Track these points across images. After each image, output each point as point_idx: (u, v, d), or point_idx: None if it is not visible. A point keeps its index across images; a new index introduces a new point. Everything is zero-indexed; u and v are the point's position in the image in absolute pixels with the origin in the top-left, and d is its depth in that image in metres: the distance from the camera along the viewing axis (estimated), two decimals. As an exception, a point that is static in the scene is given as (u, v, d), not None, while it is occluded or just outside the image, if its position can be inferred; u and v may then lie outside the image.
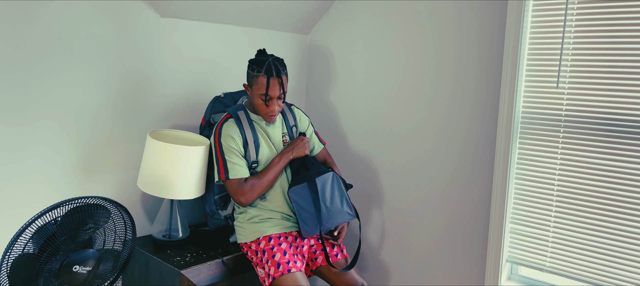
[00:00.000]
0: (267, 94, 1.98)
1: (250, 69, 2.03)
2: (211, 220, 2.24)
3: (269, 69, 1.98)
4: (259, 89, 1.99)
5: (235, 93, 2.30)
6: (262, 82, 1.98)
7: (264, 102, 2.01)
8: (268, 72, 1.98)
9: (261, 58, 2.03)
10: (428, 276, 2.48)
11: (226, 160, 2.01)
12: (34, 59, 1.87)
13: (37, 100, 1.90)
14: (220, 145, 2.02)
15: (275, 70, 1.99)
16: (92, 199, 1.65)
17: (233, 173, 2.01)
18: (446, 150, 2.39)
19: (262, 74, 1.98)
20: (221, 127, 2.04)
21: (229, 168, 2.01)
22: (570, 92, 2.05)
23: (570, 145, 2.07)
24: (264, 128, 2.12)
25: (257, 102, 2.02)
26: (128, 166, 2.20)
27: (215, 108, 2.24)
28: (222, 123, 2.05)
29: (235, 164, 2.02)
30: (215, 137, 2.04)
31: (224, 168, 2.01)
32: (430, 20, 2.40)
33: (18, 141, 1.87)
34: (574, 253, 2.09)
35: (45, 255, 1.55)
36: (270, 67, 1.98)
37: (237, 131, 2.04)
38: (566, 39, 2.04)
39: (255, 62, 2.02)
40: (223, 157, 2.02)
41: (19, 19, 1.81)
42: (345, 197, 2.10)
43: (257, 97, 2.01)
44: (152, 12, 2.18)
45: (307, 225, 2.03)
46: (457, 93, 2.34)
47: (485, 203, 2.28)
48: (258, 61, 2.02)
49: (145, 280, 2.08)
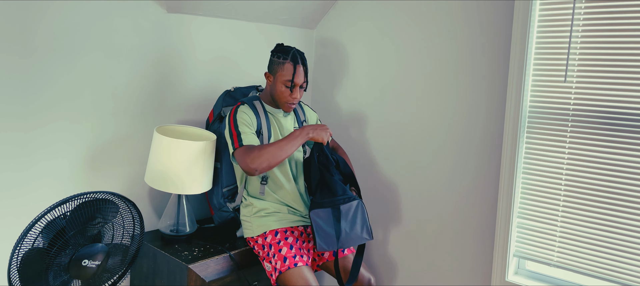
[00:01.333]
0: (292, 80, 2.02)
1: (275, 56, 2.07)
2: (218, 213, 2.24)
3: (295, 57, 2.04)
4: (285, 75, 2.03)
5: (245, 88, 2.31)
6: (289, 68, 2.03)
7: (289, 88, 2.04)
8: (294, 59, 2.03)
9: (285, 47, 2.08)
10: (435, 270, 2.48)
11: (240, 132, 2.00)
12: (42, 56, 1.88)
13: (45, 97, 1.91)
14: (235, 120, 2.02)
15: (300, 58, 2.05)
16: (101, 194, 1.66)
17: (246, 140, 1.98)
18: (453, 144, 2.39)
19: (288, 61, 2.03)
20: (237, 108, 2.06)
21: (242, 137, 1.99)
22: (578, 86, 2.04)
23: (578, 140, 2.06)
24: (277, 120, 2.14)
25: (280, 90, 2.05)
26: (136, 161, 2.21)
27: (226, 101, 2.25)
28: (237, 106, 2.07)
29: (248, 134, 2.01)
30: (230, 116, 2.05)
31: (237, 138, 1.99)
32: (437, 14, 2.39)
33: (27, 137, 1.89)
34: (582, 248, 2.08)
35: (54, 249, 1.56)
36: (296, 55, 2.05)
37: (253, 114, 2.07)
38: (574, 33, 2.02)
39: (280, 51, 2.07)
40: (237, 129, 2.01)
41: (29, 17, 1.82)
42: (366, 223, 2.06)
43: (280, 84, 2.04)
44: (158, 8, 2.18)
45: (324, 243, 1.99)
46: (464, 88, 2.33)
47: (493, 197, 2.27)
48: (283, 49, 2.07)
49: (153, 274, 2.09)
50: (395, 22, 2.54)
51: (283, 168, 2.15)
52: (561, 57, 2.06)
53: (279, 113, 2.15)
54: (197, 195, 2.42)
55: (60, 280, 1.61)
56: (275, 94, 2.08)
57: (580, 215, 2.08)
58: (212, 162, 2.13)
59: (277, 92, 2.07)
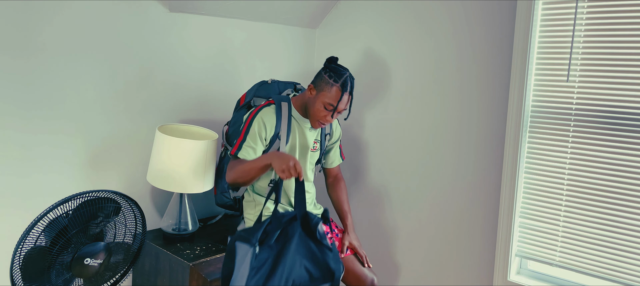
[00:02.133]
0: (336, 106, 1.94)
1: (326, 74, 1.97)
2: (220, 195, 2.23)
3: (346, 84, 1.95)
4: (329, 98, 1.94)
5: (283, 84, 2.22)
6: (336, 93, 1.94)
7: (328, 111, 1.96)
8: (344, 86, 1.94)
9: (340, 69, 1.98)
10: (437, 270, 2.48)
11: (246, 140, 1.96)
12: (45, 56, 1.88)
13: (48, 96, 1.91)
14: (250, 125, 1.97)
15: (350, 86, 1.96)
16: (103, 193, 1.66)
17: (242, 153, 1.96)
18: (455, 144, 2.38)
19: (337, 86, 1.94)
20: (260, 109, 2.00)
21: (243, 147, 1.96)
22: (580, 85, 2.03)
23: (581, 139, 2.05)
24: (300, 129, 2.07)
25: (318, 108, 1.97)
26: (138, 160, 2.22)
27: (260, 92, 2.16)
28: (262, 107, 2.01)
29: (250, 148, 1.96)
30: (250, 115, 2.00)
31: (238, 145, 1.97)
32: (439, 14, 2.39)
33: (30, 136, 1.89)
34: (584, 248, 2.07)
35: (57, 247, 1.56)
36: (347, 82, 1.95)
37: (273, 122, 1.99)
38: (576, 32, 2.02)
39: (333, 70, 1.97)
40: (245, 136, 1.97)
41: (32, 17, 1.83)
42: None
43: (320, 103, 1.96)
44: (161, 7, 2.19)
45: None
46: (467, 87, 2.33)
47: (495, 197, 2.27)
48: (337, 71, 1.97)
49: (155, 272, 2.10)
50: (397, 21, 2.54)
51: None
52: (564, 57, 2.06)
53: (305, 123, 2.07)
54: (199, 194, 2.42)
55: (62, 278, 1.62)
56: (312, 109, 1.99)
57: (583, 215, 2.07)
58: (214, 160, 2.13)
59: (314, 109, 1.98)
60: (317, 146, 2.16)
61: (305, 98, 2.05)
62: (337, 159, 2.29)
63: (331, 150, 2.26)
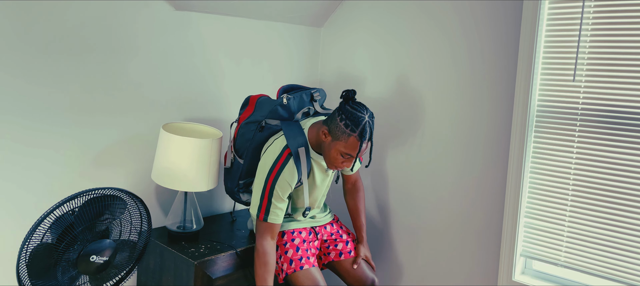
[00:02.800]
0: (356, 157, 1.81)
1: (341, 121, 1.78)
2: (229, 192, 2.23)
3: (364, 132, 1.76)
4: (346, 148, 1.79)
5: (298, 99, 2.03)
6: (354, 144, 1.77)
7: (345, 159, 1.83)
8: (363, 136, 1.76)
9: (357, 113, 1.78)
10: (441, 270, 2.48)
11: (271, 203, 1.91)
12: (51, 54, 1.89)
13: (54, 94, 1.92)
14: (273, 187, 1.89)
15: (369, 132, 1.79)
16: (109, 190, 1.67)
17: (272, 218, 1.93)
18: (460, 143, 2.38)
19: (355, 136, 1.76)
20: (280, 169, 1.88)
21: (270, 211, 1.92)
22: (587, 85, 2.03)
23: (587, 139, 2.04)
24: (319, 166, 2.02)
25: (334, 155, 1.83)
26: (143, 159, 2.22)
27: (273, 115, 2.00)
28: (282, 164, 1.89)
29: (277, 209, 1.93)
30: (271, 176, 1.89)
31: (265, 211, 1.92)
32: (444, 13, 2.39)
33: (35, 133, 1.90)
34: (590, 248, 2.07)
35: (63, 244, 1.57)
36: (366, 130, 1.77)
37: (296, 175, 1.90)
38: (583, 31, 2.01)
39: (350, 117, 1.77)
40: (269, 200, 1.91)
41: (39, 16, 1.83)
42: None
43: (335, 151, 1.82)
44: (166, 5, 2.19)
45: None
46: (472, 86, 2.33)
47: (500, 196, 2.26)
48: (354, 117, 1.77)
49: (160, 270, 2.10)
50: (402, 20, 2.54)
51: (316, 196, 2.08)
52: (570, 56, 2.05)
53: (322, 160, 2.00)
54: (204, 192, 2.43)
55: (68, 275, 1.62)
56: (327, 156, 1.87)
57: (588, 215, 2.07)
58: (218, 159, 2.14)
59: (330, 156, 1.85)
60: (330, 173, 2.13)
61: (319, 139, 1.91)
62: (356, 164, 2.24)
63: None
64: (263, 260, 1.90)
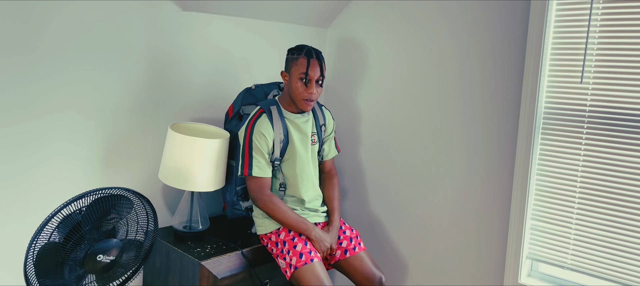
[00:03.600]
0: (306, 73, 2.01)
1: (289, 54, 2.09)
2: (231, 209, 2.26)
3: (309, 52, 2.05)
4: (299, 69, 2.03)
5: (266, 86, 2.30)
6: (303, 62, 2.02)
7: (304, 83, 2.03)
8: (308, 54, 2.04)
9: (300, 44, 2.10)
10: (447, 271, 2.47)
11: (253, 156, 2.03)
12: (57, 51, 1.90)
13: (61, 94, 1.93)
14: (250, 140, 2.03)
15: (314, 52, 2.05)
16: (116, 190, 1.67)
17: (256, 171, 2.03)
18: (467, 145, 2.37)
19: (302, 56, 2.04)
20: (254, 122, 2.05)
21: (253, 164, 2.03)
22: (594, 87, 2.02)
23: (594, 141, 2.03)
24: (295, 125, 2.13)
25: (295, 86, 2.04)
26: (149, 158, 2.23)
27: (246, 99, 2.24)
28: (255, 119, 2.06)
29: (261, 163, 2.04)
30: (247, 132, 2.05)
31: (248, 164, 2.03)
32: (451, 14, 2.38)
33: (43, 133, 1.91)
34: (597, 251, 2.06)
35: (70, 243, 1.57)
36: (310, 50, 2.05)
37: (270, 129, 2.06)
38: (591, 33, 2.00)
39: (294, 48, 2.09)
40: (250, 153, 2.04)
41: (47, 17, 1.84)
42: None
43: (295, 80, 2.04)
44: (173, 5, 2.20)
45: None
46: (479, 87, 2.32)
47: (506, 199, 2.25)
48: (297, 47, 2.09)
49: (166, 270, 2.11)
50: (408, 21, 2.53)
51: (306, 171, 2.16)
52: (577, 58, 2.04)
53: (297, 118, 2.14)
54: (210, 192, 2.43)
55: (75, 274, 1.63)
56: (292, 92, 2.07)
57: (595, 217, 2.05)
58: (225, 159, 2.14)
59: (293, 89, 2.06)
60: (315, 138, 2.20)
61: (286, 90, 2.12)
62: (332, 151, 2.34)
63: (326, 142, 2.31)
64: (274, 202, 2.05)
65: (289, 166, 2.13)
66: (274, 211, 2.05)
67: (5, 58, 1.78)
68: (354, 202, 2.82)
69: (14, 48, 1.79)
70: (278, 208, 2.05)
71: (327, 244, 2.09)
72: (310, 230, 2.07)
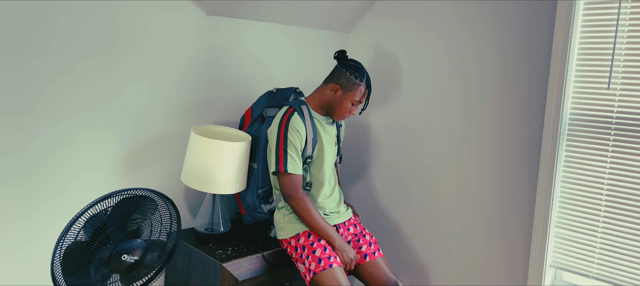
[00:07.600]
0: (364, 103, 2.16)
1: (350, 73, 2.10)
2: (251, 213, 2.26)
3: (369, 83, 2.14)
4: (357, 96, 2.11)
5: (286, 90, 2.32)
6: (362, 91, 2.12)
7: (354, 107, 2.13)
8: (368, 84, 2.13)
9: (359, 66, 2.13)
10: (467, 278, 2.44)
11: (287, 153, 2.05)
12: (85, 57, 1.94)
13: (89, 97, 1.97)
14: (286, 137, 2.05)
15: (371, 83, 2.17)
16: (141, 191, 1.69)
17: (291, 168, 2.05)
18: (490, 149, 2.35)
19: (363, 84, 2.11)
20: (288, 119, 2.07)
21: (288, 161, 2.05)
22: (622, 93, 1.98)
23: (622, 148, 1.99)
24: (322, 127, 2.18)
25: (345, 104, 2.11)
26: (173, 160, 2.26)
27: (270, 102, 2.26)
28: (289, 116, 2.08)
29: (295, 159, 2.06)
30: (281, 128, 2.06)
31: (283, 160, 2.05)
32: (476, 16, 2.36)
33: (71, 135, 1.95)
34: (624, 260, 2.01)
35: (96, 243, 1.60)
36: (370, 80, 2.15)
37: (303, 126, 2.09)
38: (619, 39, 1.97)
39: (355, 69, 2.11)
40: (285, 150, 2.05)
41: (77, 19, 1.88)
42: None
43: (347, 100, 2.11)
44: (198, 10, 2.22)
45: None
46: (503, 92, 2.29)
47: (530, 205, 2.22)
48: (359, 69, 2.12)
49: (188, 271, 2.13)
50: (430, 25, 2.52)
51: (327, 175, 2.20)
52: (605, 64, 2.01)
53: (323, 120, 2.19)
54: (232, 195, 2.45)
55: (100, 273, 1.66)
56: (337, 107, 2.13)
57: (622, 226, 2.01)
58: (247, 162, 2.15)
59: (339, 104, 2.12)
60: (335, 142, 2.25)
61: (325, 98, 2.15)
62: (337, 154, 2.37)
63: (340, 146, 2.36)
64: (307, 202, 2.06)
65: (317, 166, 2.17)
66: (305, 211, 2.05)
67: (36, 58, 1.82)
68: (374, 207, 2.81)
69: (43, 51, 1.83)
70: (309, 211, 2.06)
71: (350, 255, 2.08)
72: (335, 238, 2.08)
